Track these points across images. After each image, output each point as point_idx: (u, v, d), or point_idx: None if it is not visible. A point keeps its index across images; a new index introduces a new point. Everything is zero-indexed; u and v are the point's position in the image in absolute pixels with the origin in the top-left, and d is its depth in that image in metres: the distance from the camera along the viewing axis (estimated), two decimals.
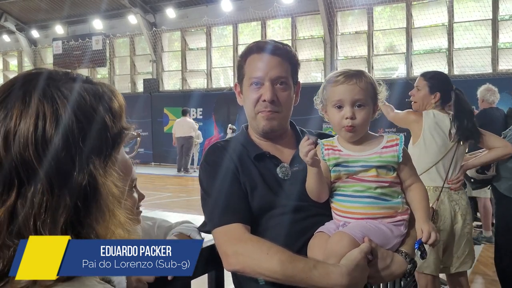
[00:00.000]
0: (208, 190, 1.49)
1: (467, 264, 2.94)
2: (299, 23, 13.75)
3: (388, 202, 1.42)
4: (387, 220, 1.41)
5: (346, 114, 1.42)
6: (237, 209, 1.42)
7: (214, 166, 1.51)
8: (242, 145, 1.56)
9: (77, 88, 0.73)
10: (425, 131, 2.93)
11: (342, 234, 1.34)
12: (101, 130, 0.74)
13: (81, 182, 0.69)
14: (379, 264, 1.35)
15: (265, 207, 1.45)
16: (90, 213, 0.71)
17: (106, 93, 0.78)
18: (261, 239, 1.35)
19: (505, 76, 10.59)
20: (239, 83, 1.59)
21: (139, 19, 15.56)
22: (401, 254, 1.41)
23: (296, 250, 1.38)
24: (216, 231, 1.42)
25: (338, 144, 1.48)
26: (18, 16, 18.14)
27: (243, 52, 1.57)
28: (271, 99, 1.47)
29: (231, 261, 1.36)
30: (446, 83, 3.04)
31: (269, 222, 1.44)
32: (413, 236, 1.45)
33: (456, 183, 2.93)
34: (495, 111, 5.33)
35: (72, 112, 0.70)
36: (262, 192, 1.46)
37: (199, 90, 15.07)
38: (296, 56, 1.58)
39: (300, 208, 1.46)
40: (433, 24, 11.95)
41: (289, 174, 1.50)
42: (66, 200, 0.68)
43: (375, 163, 1.41)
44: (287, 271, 1.27)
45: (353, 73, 1.45)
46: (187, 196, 9.44)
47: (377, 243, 1.36)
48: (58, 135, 0.68)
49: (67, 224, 0.68)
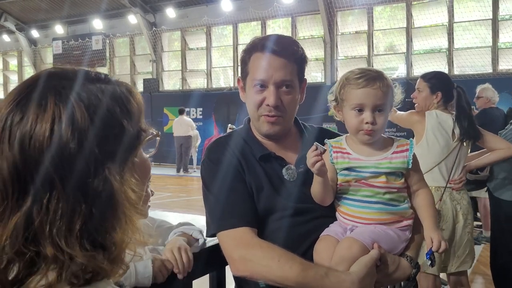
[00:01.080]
0: (211, 190, 1.44)
1: (467, 263, 2.95)
2: (299, 23, 13.74)
3: (396, 208, 1.41)
4: (394, 226, 1.40)
5: (366, 119, 1.38)
6: (244, 212, 1.38)
7: (218, 164, 1.46)
8: (246, 142, 1.51)
9: (94, 90, 0.71)
10: (428, 131, 2.93)
11: (352, 241, 1.32)
12: (118, 134, 0.71)
13: (96, 188, 0.67)
14: (387, 270, 1.35)
15: (270, 208, 1.42)
16: (106, 220, 0.69)
17: (124, 93, 0.75)
18: (271, 245, 1.32)
19: (505, 76, 10.59)
20: (242, 79, 1.54)
21: (139, 19, 15.55)
22: (406, 259, 1.40)
23: (301, 252, 1.37)
24: (223, 235, 1.38)
25: (346, 146, 1.45)
26: (18, 16, 18.13)
27: (247, 46, 1.50)
28: (275, 105, 1.43)
29: (239, 267, 1.34)
30: (446, 82, 3.05)
31: (274, 224, 1.41)
32: (416, 240, 1.45)
33: (458, 183, 2.94)
34: (495, 111, 5.33)
35: (89, 116, 0.68)
36: (268, 194, 1.43)
37: (199, 90, 15.06)
38: (303, 53, 1.50)
39: (305, 210, 1.44)
40: (433, 24, 11.95)
41: (295, 176, 1.47)
42: (81, 206, 0.66)
43: (385, 169, 1.39)
44: (299, 278, 1.25)
45: (375, 76, 1.39)
46: (187, 196, 9.44)
47: (385, 248, 1.35)
48: (74, 139, 0.66)
49: (83, 231, 0.66)
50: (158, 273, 1.25)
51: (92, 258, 0.66)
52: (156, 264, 1.25)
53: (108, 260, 0.69)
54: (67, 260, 0.65)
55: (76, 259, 0.66)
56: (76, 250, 0.65)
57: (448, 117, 2.96)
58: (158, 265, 1.25)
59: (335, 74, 13.03)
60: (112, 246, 0.69)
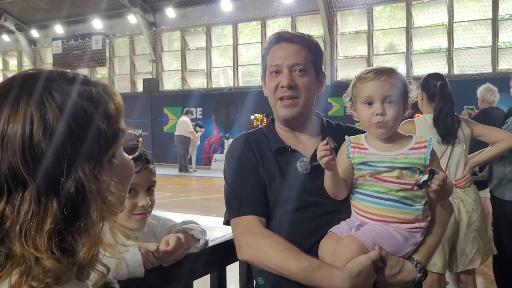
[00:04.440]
0: (228, 181, 1.54)
1: (476, 261, 2.90)
2: (299, 22, 13.74)
3: (408, 208, 1.39)
4: (404, 226, 1.38)
5: (376, 111, 1.40)
6: (253, 201, 1.46)
7: (236, 159, 1.54)
8: (265, 136, 1.59)
9: (69, 91, 0.71)
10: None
11: (352, 239, 1.33)
12: (93, 134, 0.71)
13: (69, 189, 0.67)
14: (388, 271, 1.34)
15: (282, 200, 1.47)
16: (78, 221, 0.68)
17: (100, 94, 0.75)
18: (272, 234, 1.39)
19: (505, 76, 10.55)
20: (263, 75, 1.62)
21: (139, 19, 15.54)
22: (412, 262, 1.39)
23: (309, 246, 1.40)
24: (233, 221, 1.48)
25: (365, 142, 1.46)
26: (17, 16, 18.13)
27: (266, 44, 1.61)
28: (288, 84, 1.49)
29: (243, 251, 1.42)
30: (427, 80, 3.05)
31: (285, 216, 1.45)
32: (429, 245, 1.44)
33: (463, 182, 2.92)
34: (495, 111, 5.32)
35: (61, 117, 0.68)
36: (280, 184, 1.48)
37: (199, 90, 15.06)
38: (318, 45, 1.59)
39: (316, 203, 1.46)
40: (433, 23, 11.95)
41: (308, 168, 1.50)
42: (53, 207, 0.66)
43: (400, 164, 1.39)
44: (291, 268, 1.31)
45: (383, 70, 1.44)
46: (187, 196, 9.43)
47: (388, 250, 1.35)
48: (46, 140, 0.66)
49: (53, 232, 0.66)
50: (145, 260, 1.26)
51: (57, 262, 0.66)
52: (142, 251, 1.26)
53: (75, 264, 0.68)
54: (32, 263, 0.65)
55: (41, 261, 0.65)
56: (42, 252, 0.65)
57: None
58: (143, 252, 1.26)
59: (335, 74, 13.03)
60: (82, 249, 0.68)
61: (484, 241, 2.94)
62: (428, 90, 3.01)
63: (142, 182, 1.42)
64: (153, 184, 1.47)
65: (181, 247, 1.36)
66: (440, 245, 2.82)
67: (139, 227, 1.42)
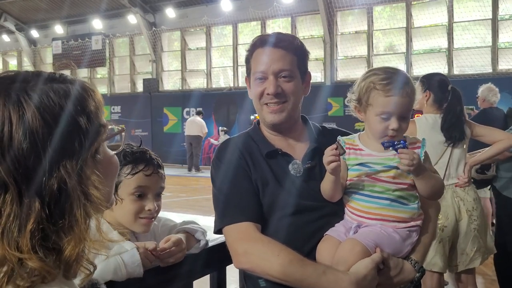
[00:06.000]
0: (217, 187, 1.48)
1: (476, 260, 2.91)
2: (299, 22, 13.74)
3: (404, 207, 1.41)
4: (401, 225, 1.40)
5: (392, 126, 1.39)
6: (248, 208, 1.41)
7: (226, 163, 1.49)
8: (254, 141, 1.54)
9: (46, 90, 0.71)
10: (420, 136, 2.92)
11: (355, 242, 1.33)
12: (73, 131, 0.71)
13: (51, 188, 0.67)
14: (389, 273, 1.34)
15: (276, 203, 1.44)
16: (62, 218, 0.68)
17: (78, 91, 0.74)
18: (272, 240, 1.35)
19: (505, 76, 10.58)
20: (248, 77, 1.59)
21: (139, 19, 15.54)
22: (411, 262, 1.40)
23: (308, 251, 1.38)
24: (227, 229, 1.41)
25: (359, 143, 1.46)
26: (17, 16, 18.12)
27: (249, 46, 1.57)
28: (274, 92, 1.46)
29: (241, 259, 1.36)
30: (439, 83, 3.04)
31: (281, 221, 1.42)
32: (424, 243, 1.44)
33: (463, 182, 2.93)
34: (495, 111, 5.32)
35: (39, 116, 0.68)
36: (273, 188, 1.45)
37: (198, 90, 15.05)
38: (303, 47, 1.55)
39: (311, 207, 1.45)
40: (433, 24, 11.95)
41: (301, 171, 1.48)
42: (35, 207, 0.66)
43: (395, 164, 1.39)
44: (297, 274, 1.27)
45: (402, 81, 1.39)
46: (187, 196, 9.43)
47: (389, 251, 1.35)
48: (26, 140, 0.66)
49: (36, 232, 0.66)
50: (144, 259, 1.25)
51: (41, 262, 0.66)
52: (140, 251, 1.25)
53: (61, 262, 0.68)
54: (15, 264, 0.65)
55: (25, 262, 0.65)
56: (25, 253, 0.65)
57: (437, 117, 2.98)
58: (141, 251, 1.26)
59: (335, 74, 13.03)
60: (68, 247, 0.68)
61: (484, 240, 2.94)
62: (437, 92, 3.00)
63: (152, 186, 1.42)
64: (161, 190, 1.46)
65: (180, 247, 1.35)
66: (440, 245, 2.84)
67: (143, 231, 1.42)
